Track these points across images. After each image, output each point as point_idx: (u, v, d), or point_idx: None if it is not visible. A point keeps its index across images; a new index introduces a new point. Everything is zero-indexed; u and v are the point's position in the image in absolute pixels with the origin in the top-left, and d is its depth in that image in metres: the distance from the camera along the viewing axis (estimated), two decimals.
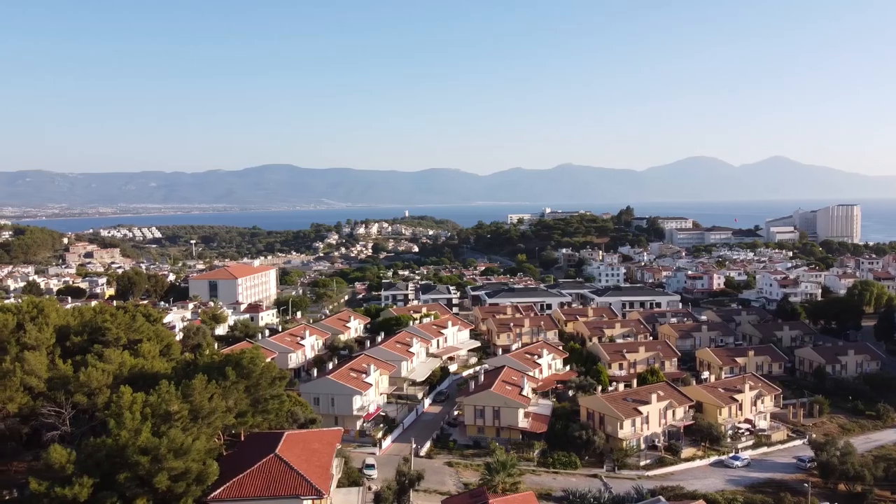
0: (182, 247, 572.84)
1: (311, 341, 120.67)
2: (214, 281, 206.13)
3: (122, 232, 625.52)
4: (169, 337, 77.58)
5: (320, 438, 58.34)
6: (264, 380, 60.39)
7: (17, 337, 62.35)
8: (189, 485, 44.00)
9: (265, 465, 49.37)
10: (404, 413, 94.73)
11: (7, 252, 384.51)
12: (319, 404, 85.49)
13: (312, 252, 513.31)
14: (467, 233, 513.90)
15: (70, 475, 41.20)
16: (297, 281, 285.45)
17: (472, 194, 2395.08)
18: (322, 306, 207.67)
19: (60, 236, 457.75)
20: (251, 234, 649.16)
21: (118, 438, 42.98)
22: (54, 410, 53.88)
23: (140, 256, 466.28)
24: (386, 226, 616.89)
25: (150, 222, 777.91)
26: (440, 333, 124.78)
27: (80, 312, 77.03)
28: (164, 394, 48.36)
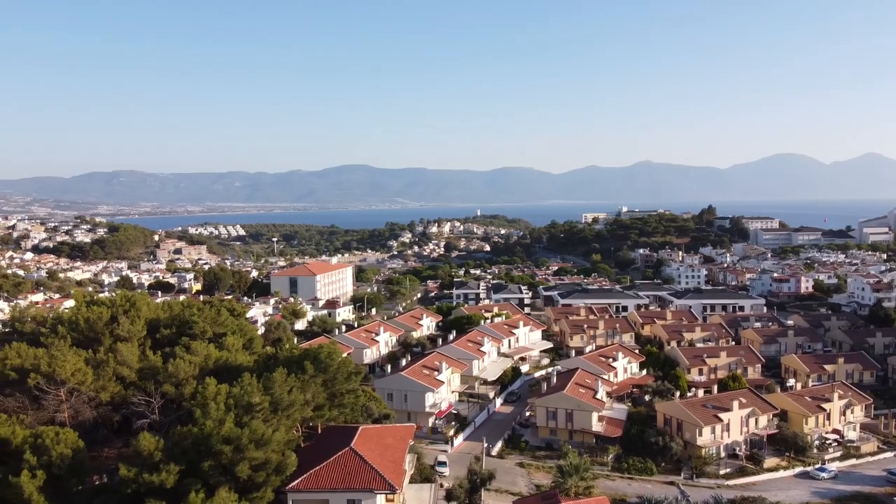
0: (264, 244, 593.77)
1: (385, 338, 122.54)
2: (294, 277, 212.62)
3: (208, 230, 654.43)
4: (251, 331, 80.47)
5: (394, 434, 59.21)
6: (341, 374, 61.77)
7: (111, 329, 66.07)
8: (269, 474, 45.54)
9: (341, 459, 50.56)
10: (476, 412, 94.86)
11: (102, 248, 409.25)
12: (393, 400, 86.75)
13: (387, 250, 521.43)
14: (540, 232, 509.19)
15: (157, 462, 43.37)
16: (372, 278, 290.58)
17: (546, 193, 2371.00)
18: (395, 303, 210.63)
19: (152, 233, 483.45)
20: (329, 232, 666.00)
21: (203, 428, 44.94)
22: (144, 399, 56.62)
23: (225, 253, 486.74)
24: (458, 225, 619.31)
25: (234, 220, 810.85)
26: (512, 333, 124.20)
27: (169, 306, 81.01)
28: (247, 386, 50.24)
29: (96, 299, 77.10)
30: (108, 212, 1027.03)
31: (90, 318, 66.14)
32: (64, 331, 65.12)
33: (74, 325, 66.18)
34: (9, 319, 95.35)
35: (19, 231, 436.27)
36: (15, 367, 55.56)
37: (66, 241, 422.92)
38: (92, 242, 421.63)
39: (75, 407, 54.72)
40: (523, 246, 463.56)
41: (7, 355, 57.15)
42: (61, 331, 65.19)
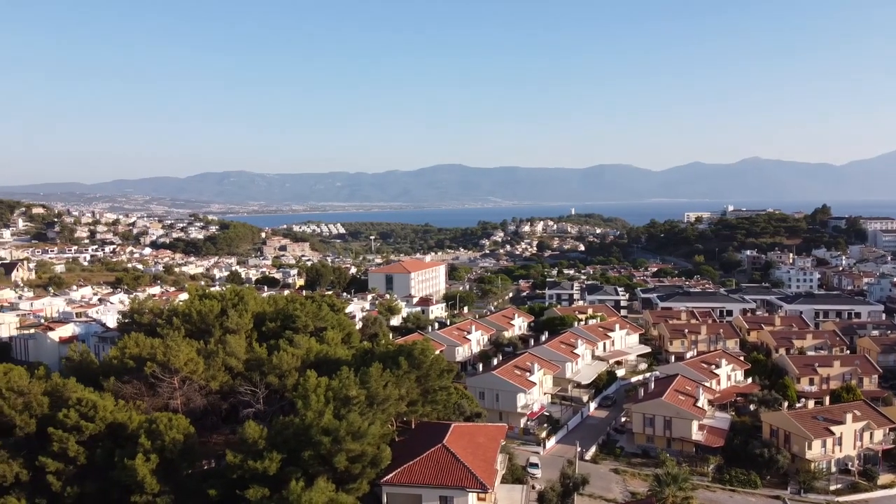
0: (363, 242, 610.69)
1: (477, 336, 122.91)
2: (390, 274, 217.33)
3: (311, 228, 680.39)
4: (350, 326, 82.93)
5: (485, 433, 59.34)
6: (434, 371, 62.54)
7: (221, 321, 69.90)
8: (365, 467, 46.80)
9: (433, 455, 51.21)
10: (569, 415, 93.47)
11: (214, 245, 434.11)
12: (484, 399, 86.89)
13: (479, 249, 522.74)
14: (638, 231, 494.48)
15: (261, 450, 45.47)
16: (465, 277, 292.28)
17: (645, 191, 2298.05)
18: (487, 302, 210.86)
19: (259, 231, 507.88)
20: (423, 230, 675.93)
21: (304, 418, 46.74)
22: (250, 389, 59.42)
23: (326, 250, 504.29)
24: (551, 224, 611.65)
25: (335, 219, 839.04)
26: (607, 336, 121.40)
27: (274, 301, 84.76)
28: (345, 379, 51.83)
29: (208, 293, 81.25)
30: (219, 210, 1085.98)
31: (202, 310, 70.27)
32: (178, 322, 69.59)
33: (188, 317, 70.50)
34: (128, 311, 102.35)
35: (139, 228, 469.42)
36: (133, 355, 59.80)
37: (181, 237, 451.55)
38: (204, 239, 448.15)
39: (187, 394, 58.10)
40: (620, 246, 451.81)
41: (126, 345, 61.65)
42: (176, 322, 69.70)
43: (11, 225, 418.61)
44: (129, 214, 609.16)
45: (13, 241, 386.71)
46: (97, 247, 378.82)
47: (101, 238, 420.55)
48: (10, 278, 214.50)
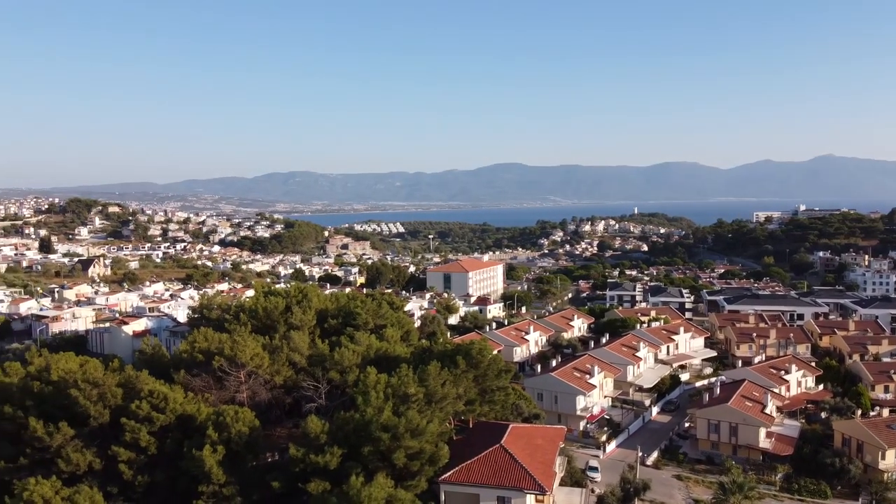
0: (421, 241, 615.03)
1: (535, 337, 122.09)
2: (448, 273, 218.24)
3: (371, 226, 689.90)
4: (409, 324, 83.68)
5: (544, 435, 58.87)
6: (491, 371, 62.46)
7: (286, 318, 71.66)
8: (423, 464, 47.14)
9: (491, 455, 51.17)
10: (630, 419, 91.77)
11: (279, 243, 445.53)
12: (543, 400, 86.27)
13: (537, 249, 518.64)
14: (704, 231, 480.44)
15: (323, 444, 46.37)
16: (523, 276, 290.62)
17: (712, 189, 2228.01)
18: (546, 303, 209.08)
19: (322, 230, 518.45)
20: (481, 230, 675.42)
21: (364, 414, 47.45)
22: (312, 384, 60.62)
23: (386, 249, 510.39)
24: (613, 223, 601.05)
25: (395, 218, 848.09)
26: (671, 339, 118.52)
27: (336, 298, 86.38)
28: (404, 377, 52.36)
29: (273, 290, 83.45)
30: (284, 209, 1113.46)
31: (267, 307, 72.25)
32: (245, 318, 71.73)
33: (254, 313, 72.60)
34: (198, 306, 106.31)
35: (208, 226, 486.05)
36: (202, 349, 61.89)
37: (248, 235, 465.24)
38: (270, 237, 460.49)
39: (253, 388, 59.78)
40: (685, 246, 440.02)
41: (196, 339, 63.87)
42: (242, 318, 71.86)
43: (89, 223, 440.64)
44: (199, 213, 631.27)
45: (90, 238, 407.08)
46: (169, 244, 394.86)
47: (172, 236, 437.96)
48: (88, 274, 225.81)
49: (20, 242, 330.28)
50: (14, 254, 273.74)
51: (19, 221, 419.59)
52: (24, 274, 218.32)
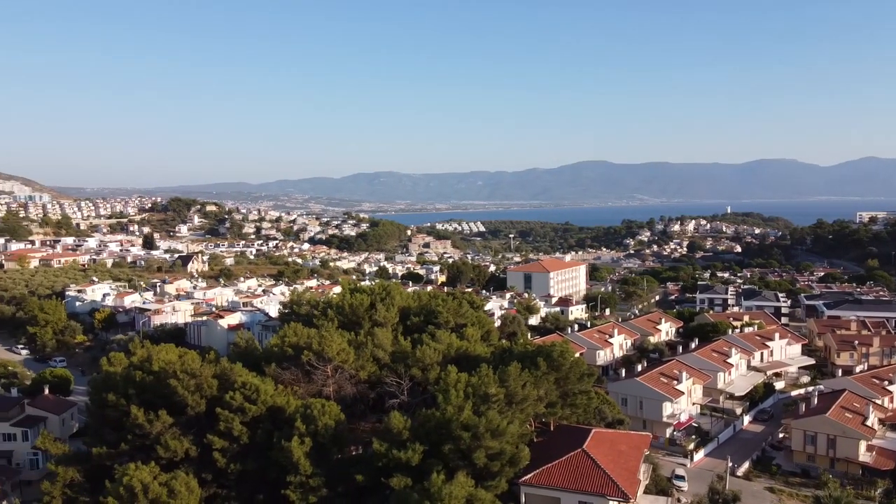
0: (502, 240, 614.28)
1: (620, 340, 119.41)
2: (529, 273, 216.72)
3: (452, 226, 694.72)
4: (489, 323, 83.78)
5: (628, 441, 57.59)
6: (573, 374, 61.60)
7: (370, 315, 73.32)
8: (503, 465, 47.11)
9: (573, 459, 50.52)
10: (720, 427, 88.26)
11: (364, 241, 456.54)
12: (627, 406, 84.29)
13: (623, 249, 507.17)
14: (802, 232, 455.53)
15: (405, 440, 47.14)
16: (607, 277, 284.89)
17: (810, 188, 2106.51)
18: (631, 305, 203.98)
19: (405, 229, 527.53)
20: (563, 229, 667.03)
21: (444, 413, 47.89)
22: (395, 381, 61.63)
23: (467, 248, 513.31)
24: (704, 223, 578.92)
25: (475, 217, 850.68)
26: (765, 346, 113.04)
27: (418, 296, 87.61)
28: (484, 377, 52.46)
29: (358, 287, 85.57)
30: (369, 208, 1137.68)
31: (353, 304, 74.14)
32: (332, 314, 73.95)
33: (340, 309, 74.70)
34: (288, 302, 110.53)
35: (298, 225, 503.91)
36: (292, 344, 64.17)
37: (336, 234, 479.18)
38: (356, 236, 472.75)
39: (339, 382, 61.43)
40: (781, 248, 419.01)
41: (286, 333, 66.33)
42: (330, 314, 74.12)
43: (188, 221, 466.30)
44: (290, 212, 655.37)
45: (190, 235, 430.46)
46: (262, 242, 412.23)
47: (265, 234, 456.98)
48: (187, 269, 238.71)
49: (125, 239, 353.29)
50: (120, 250, 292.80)
51: (125, 219, 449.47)
52: (128, 269, 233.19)
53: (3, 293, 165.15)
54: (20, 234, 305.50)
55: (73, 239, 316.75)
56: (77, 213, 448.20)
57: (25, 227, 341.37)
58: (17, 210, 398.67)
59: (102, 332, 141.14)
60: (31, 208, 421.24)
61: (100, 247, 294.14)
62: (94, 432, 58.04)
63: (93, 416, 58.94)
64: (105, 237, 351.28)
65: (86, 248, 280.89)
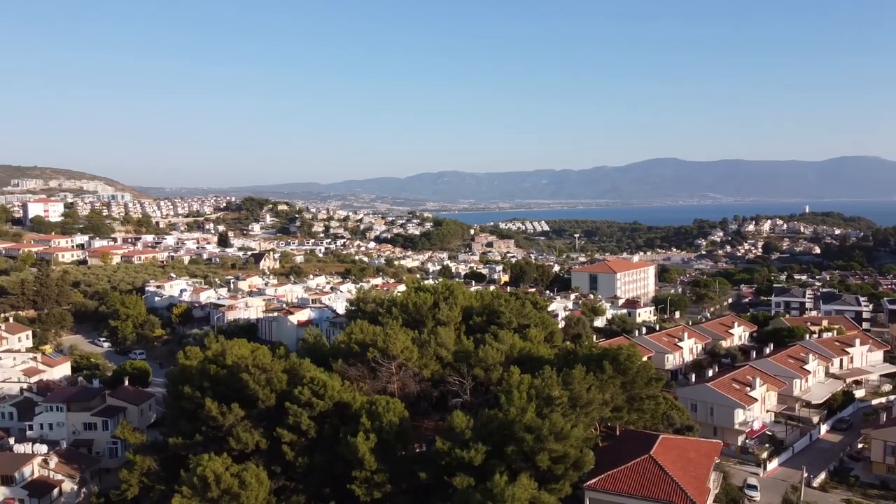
0: (566, 240, 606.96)
1: (690, 344, 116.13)
2: (595, 274, 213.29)
3: (516, 225, 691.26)
4: (553, 325, 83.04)
5: (697, 448, 55.98)
6: (640, 378, 60.38)
7: (433, 313, 73.88)
8: (567, 468, 46.63)
9: (639, 465, 49.51)
10: (795, 436, 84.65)
11: (428, 240, 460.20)
12: (697, 412, 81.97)
13: (694, 249, 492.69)
14: (885, 233, 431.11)
15: (467, 440, 47.28)
16: (677, 279, 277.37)
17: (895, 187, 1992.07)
18: (702, 308, 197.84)
19: (468, 228, 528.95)
20: (631, 228, 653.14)
21: (507, 414, 47.77)
22: (458, 380, 61.97)
23: (530, 247, 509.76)
24: (780, 223, 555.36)
25: (540, 216, 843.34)
26: (844, 352, 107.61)
27: (480, 296, 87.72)
28: (548, 378, 52.04)
29: (422, 286, 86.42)
30: (433, 208, 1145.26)
31: (417, 302, 74.93)
32: (396, 312, 74.94)
33: (405, 307, 75.62)
34: (355, 299, 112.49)
35: (365, 224, 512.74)
36: (358, 341, 65.35)
37: (401, 233, 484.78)
38: (420, 235, 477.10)
39: (403, 380, 62.21)
40: (864, 249, 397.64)
41: (352, 330, 67.61)
42: (394, 312, 75.14)
43: (261, 220, 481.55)
44: (356, 212, 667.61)
45: (262, 234, 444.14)
46: (330, 240, 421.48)
47: (333, 232, 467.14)
48: (259, 267, 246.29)
49: (201, 237, 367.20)
50: (196, 247, 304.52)
51: (201, 218, 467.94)
52: (204, 266, 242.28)
53: (87, 288, 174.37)
54: (103, 232, 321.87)
55: (152, 237, 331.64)
56: (157, 211, 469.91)
57: (108, 225, 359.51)
58: (101, 209, 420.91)
59: (179, 326, 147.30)
60: (114, 207, 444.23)
61: (177, 244, 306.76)
62: (171, 423, 60.74)
63: (169, 407, 61.70)
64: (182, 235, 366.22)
65: (164, 246, 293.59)
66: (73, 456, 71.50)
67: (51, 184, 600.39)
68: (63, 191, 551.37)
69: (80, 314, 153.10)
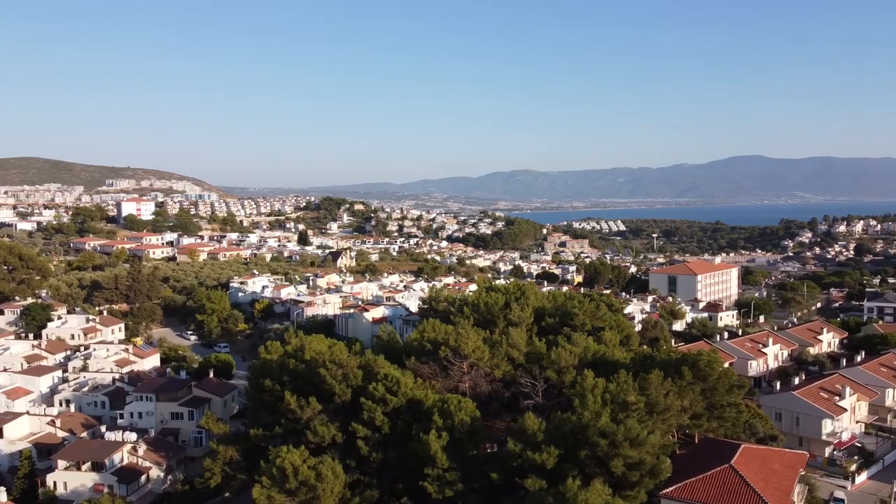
0: (644, 240, 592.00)
1: (775, 350, 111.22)
2: (674, 276, 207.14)
3: (590, 224, 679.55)
4: (628, 328, 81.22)
5: (781, 459, 53.62)
6: (721, 385, 58.33)
7: (505, 314, 73.65)
8: (643, 475, 45.57)
9: (719, 474, 47.89)
10: (886, 448, 79.74)
11: (500, 239, 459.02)
12: (781, 421, 78.43)
13: (780, 251, 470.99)
14: None
15: (539, 443, 46.90)
16: (761, 282, 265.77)
17: None
18: (788, 312, 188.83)
19: (541, 227, 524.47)
20: (713, 229, 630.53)
21: (581, 418, 47.12)
22: (530, 382, 61.50)
23: (605, 248, 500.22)
24: (874, 223, 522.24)
25: (615, 216, 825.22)
26: None
27: (553, 296, 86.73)
28: (623, 383, 51.01)
29: (493, 286, 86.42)
30: (505, 207, 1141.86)
31: (488, 302, 74.90)
32: (468, 311, 75.17)
33: (476, 307, 75.74)
34: (427, 298, 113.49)
35: (437, 223, 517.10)
36: (430, 339, 65.92)
37: (472, 232, 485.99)
38: (492, 234, 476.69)
39: (474, 379, 62.36)
40: None
41: (425, 329, 68.30)
42: (466, 311, 75.39)
43: (338, 219, 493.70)
44: (429, 211, 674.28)
45: (339, 232, 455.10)
46: (404, 239, 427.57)
47: (407, 232, 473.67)
48: (336, 265, 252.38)
49: (282, 235, 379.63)
50: (277, 245, 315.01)
51: (282, 217, 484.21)
52: (285, 263, 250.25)
53: (175, 283, 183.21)
54: (191, 230, 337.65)
55: (236, 235, 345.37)
56: (241, 210, 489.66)
57: (196, 223, 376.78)
58: (189, 208, 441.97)
59: (261, 321, 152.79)
60: (201, 206, 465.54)
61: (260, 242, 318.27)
62: (252, 415, 63.08)
63: (251, 399, 64.05)
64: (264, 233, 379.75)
65: (248, 244, 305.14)
66: (160, 444, 74.98)
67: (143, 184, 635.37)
68: (154, 190, 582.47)
69: (168, 308, 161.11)
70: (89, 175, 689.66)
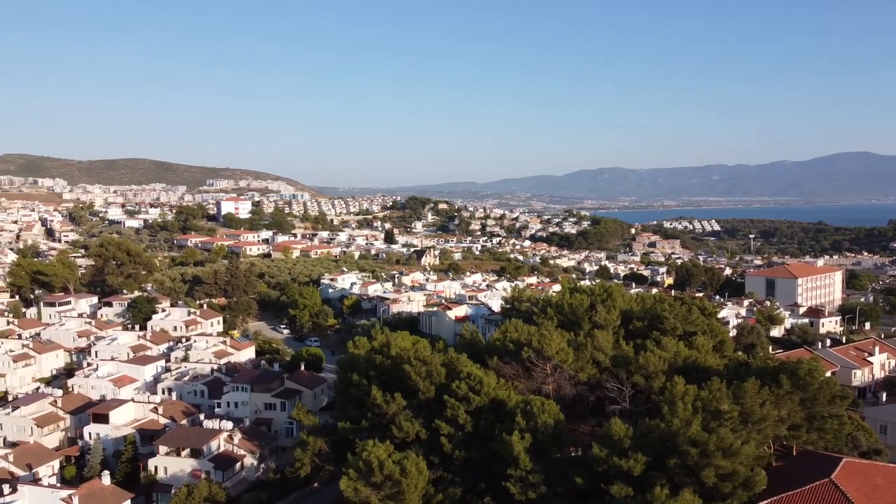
0: (740, 241, 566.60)
1: (881, 359, 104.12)
2: (772, 279, 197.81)
3: (682, 224, 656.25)
4: (723, 333, 77.87)
5: (886, 474, 50.01)
6: (822, 395, 55.02)
7: (590, 316, 72.16)
8: (735, 487, 43.71)
9: (818, 489, 45.30)
10: None
11: (585, 239, 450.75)
12: (887, 434, 73.40)
13: (888, 253, 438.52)
14: None
15: (626, 449, 45.81)
16: (867, 286, 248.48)
17: None
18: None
19: (628, 226, 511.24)
20: (816, 229, 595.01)
21: (670, 425, 45.67)
22: (616, 386, 60.17)
23: (698, 248, 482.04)
24: None
25: (709, 215, 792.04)
26: None
27: (641, 298, 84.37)
28: (716, 391, 49.03)
29: (578, 287, 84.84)
30: (591, 206, 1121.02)
31: (573, 303, 73.70)
32: (552, 312, 74.28)
33: (560, 308, 74.72)
34: (510, 298, 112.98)
35: (520, 222, 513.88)
36: (513, 339, 65.72)
37: (556, 231, 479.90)
38: (577, 234, 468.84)
39: (558, 382, 61.62)
40: None
41: (507, 329, 68.19)
42: (549, 312, 74.51)
43: (423, 218, 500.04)
44: (512, 210, 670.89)
45: (423, 231, 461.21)
46: (486, 238, 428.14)
47: (489, 231, 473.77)
48: (421, 263, 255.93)
49: (370, 233, 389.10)
50: (365, 243, 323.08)
51: (370, 216, 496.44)
52: (372, 261, 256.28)
53: (270, 279, 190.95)
54: (285, 228, 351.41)
55: (327, 233, 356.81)
56: (331, 210, 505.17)
57: (289, 222, 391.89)
58: (283, 207, 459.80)
59: (349, 316, 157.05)
60: (294, 205, 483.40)
61: (349, 240, 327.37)
62: (340, 408, 64.98)
63: (339, 392, 65.96)
64: (353, 232, 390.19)
65: (337, 242, 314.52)
66: (254, 433, 78.42)
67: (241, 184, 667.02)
68: (251, 190, 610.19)
69: (263, 303, 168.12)
70: (191, 175, 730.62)
